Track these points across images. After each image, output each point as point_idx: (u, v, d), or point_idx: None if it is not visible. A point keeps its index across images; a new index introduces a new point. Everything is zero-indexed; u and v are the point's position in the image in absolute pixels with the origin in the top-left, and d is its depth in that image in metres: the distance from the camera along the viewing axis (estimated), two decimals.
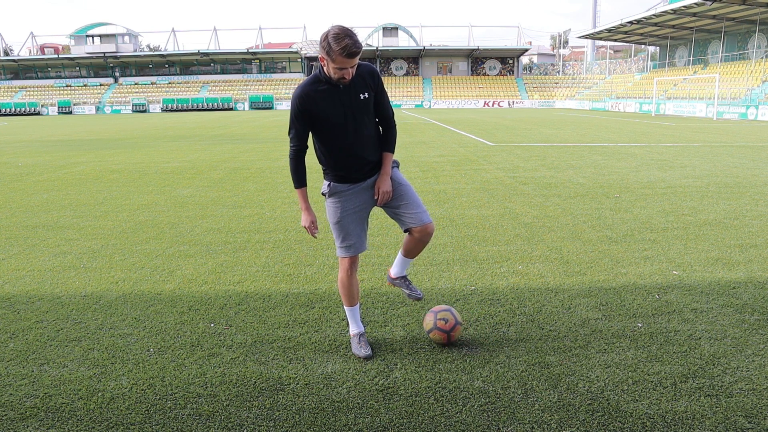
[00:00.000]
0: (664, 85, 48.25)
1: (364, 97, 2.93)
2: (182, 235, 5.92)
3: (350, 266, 3.15)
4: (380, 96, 3.04)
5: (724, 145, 15.24)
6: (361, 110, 2.95)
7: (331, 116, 2.91)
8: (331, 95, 2.89)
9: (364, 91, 2.93)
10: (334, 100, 2.90)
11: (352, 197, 3.10)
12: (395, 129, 3.16)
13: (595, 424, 2.51)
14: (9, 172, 11.34)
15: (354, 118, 2.94)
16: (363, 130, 2.98)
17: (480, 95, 66.74)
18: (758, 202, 7.33)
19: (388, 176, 3.08)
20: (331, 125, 2.94)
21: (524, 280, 4.40)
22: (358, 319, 3.28)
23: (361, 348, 3.16)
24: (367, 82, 2.95)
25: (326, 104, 2.90)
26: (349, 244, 3.12)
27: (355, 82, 2.90)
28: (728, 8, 38.87)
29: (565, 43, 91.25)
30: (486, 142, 16.62)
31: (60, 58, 72.64)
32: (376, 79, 3.00)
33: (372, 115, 3.03)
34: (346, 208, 3.10)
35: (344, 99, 2.90)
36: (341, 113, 2.92)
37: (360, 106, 2.93)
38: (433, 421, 2.55)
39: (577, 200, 7.55)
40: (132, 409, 2.65)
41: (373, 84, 2.97)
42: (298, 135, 2.99)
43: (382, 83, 3.05)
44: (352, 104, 2.91)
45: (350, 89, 2.90)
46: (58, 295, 4.14)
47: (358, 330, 3.25)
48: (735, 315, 3.68)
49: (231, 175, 10.40)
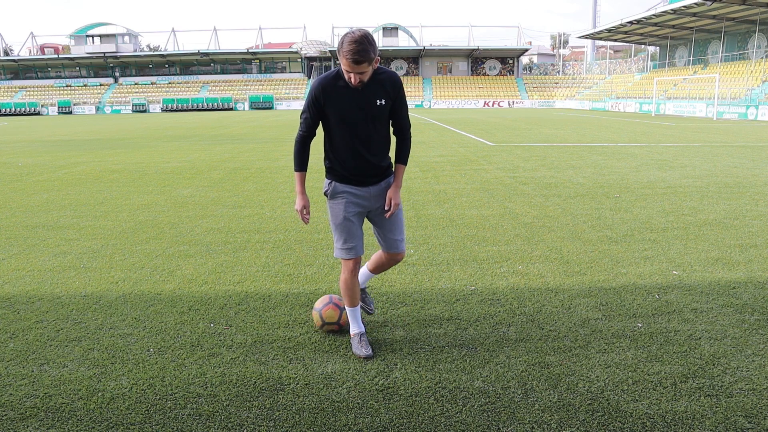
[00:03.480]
0: (664, 85, 48.25)
1: (380, 104, 2.95)
2: (182, 235, 5.92)
3: (354, 268, 3.17)
4: (398, 105, 3.04)
5: (724, 145, 15.25)
6: (375, 115, 2.96)
7: (344, 114, 2.94)
8: (348, 94, 2.92)
9: (381, 97, 2.95)
10: (349, 99, 2.92)
11: (355, 201, 3.12)
12: (410, 141, 3.16)
13: (595, 424, 2.51)
14: (9, 172, 11.34)
15: (366, 122, 2.96)
16: (373, 135, 3.00)
17: (480, 95, 66.73)
18: (758, 202, 7.33)
19: (400, 189, 3.13)
20: (343, 123, 2.96)
21: (524, 280, 4.40)
22: (359, 319, 3.29)
23: (362, 348, 3.17)
24: (386, 90, 2.96)
25: (341, 101, 2.93)
26: (351, 246, 3.12)
27: (373, 87, 2.92)
28: (728, 8, 38.87)
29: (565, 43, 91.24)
30: (486, 142, 16.62)
31: (60, 58, 72.65)
32: (397, 88, 3.01)
33: (385, 123, 3.05)
34: (350, 211, 3.11)
35: (360, 101, 2.92)
36: (354, 114, 2.93)
37: (374, 112, 2.95)
38: (433, 421, 2.55)
39: (577, 200, 7.55)
40: (132, 409, 2.65)
41: (393, 92, 2.99)
42: (308, 122, 3.05)
43: (402, 93, 3.05)
44: (366, 107, 2.93)
45: (368, 92, 2.91)
46: (58, 295, 4.14)
47: (358, 330, 3.25)
48: (735, 315, 3.68)
49: (231, 175, 10.40)
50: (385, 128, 3.06)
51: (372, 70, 2.87)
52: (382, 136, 3.06)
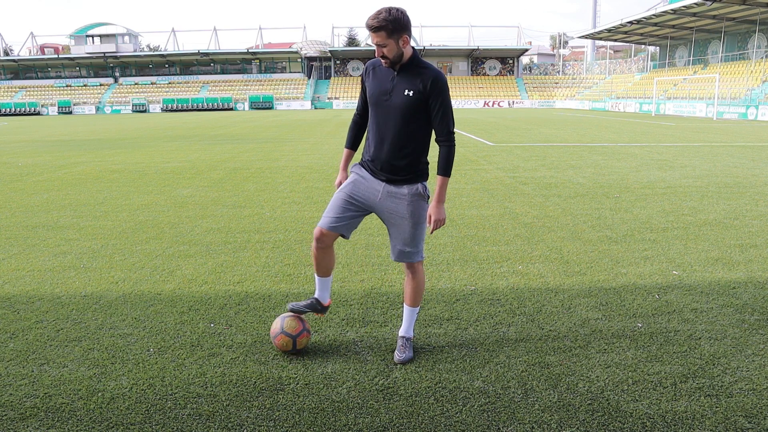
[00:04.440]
0: (664, 85, 48.25)
1: (407, 95, 2.86)
2: (182, 235, 5.92)
3: (318, 236, 3.06)
4: (434, 104, 2.87)
5: (724, 145, 15.25)
6: (401, 105, 2.88)
7: (373, 95, 2.96)
8: (386, 76, 2.93)
9: (411, 89, 2.86)
10: (383, 82, 2.93)
11: (360, 185, 3.05)
12: (450, 149, 2.93)
13: (595, 424, 2.51)
14: (9, 172, 11.34)
15: (392, 109, 2.90)
16: (400, 127, 2.90)
17: (480, 95, 66.74)
18: (758, 202, 7.33)
19: (441, 203, 2.96)
20: (373, 106, 2.98)
21: (524, 280, 4.40)
22: (322, 289, 3.27)
23: (297, 302, 3.26)
24: (422, 83, 2.84)
25: (377, 81, 2.95)
26: (324, 216, 3.07)
27: (409, 77, 2.88)
28: (728, 8, 38.87)
29: (565, 43, 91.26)
30: (486, 142, 16.62)
31: (60, 58, 72.62)
32: (435, 86, 2.85)
33: (418, 120, 2.91)
34: (348, 190, 3.06)
35: (391, 86, 2.91)
36: (382, 98, 2.92)
37: (400, 101, 2.87)
38: (433, 421, 2.55)
39: (577, 200, 7.55)
40: (132, 409, 2.65)
41: (429, 89, 2.84)
42: (359, 101, 3.16)
43: (441, 93, 2.87)
44: (394, 95, 2.89)
45: (401, 80, 2.89)
46: (58, 295, 4.14)
47: (316, 295, 3.30)
48: (735, 315, 3.68)
49: (231, 175, 10.40)
50: (416, 125, 2.91)
51: (398, 49, 2.80)
52: (411, 132, 2.91)
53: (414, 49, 2.92)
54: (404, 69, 2.89)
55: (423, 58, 2.97)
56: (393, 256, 3.16)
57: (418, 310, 3.23)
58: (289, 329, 3.13)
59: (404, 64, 2.89)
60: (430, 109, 2.90)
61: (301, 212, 6.97)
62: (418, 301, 3.21)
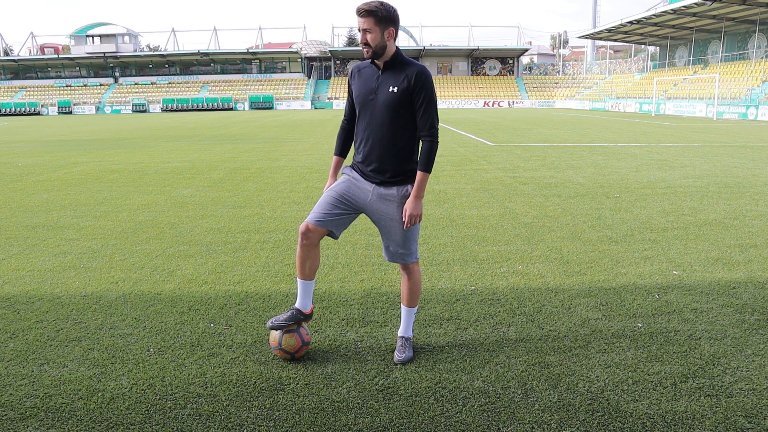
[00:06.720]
0: (664, 85, 48.25)
1: (392, 91, 2.85)
2: (182, 235, 5.92)
3: (303, 231, 2.98)
4: (418, 99, 2.85)
5: (724, 145, 15.25)
6: (387, 102, 2.86)
7: (359, 96, 2.96)
8: (370, 77, 2.94)
9: (397, 85, 2.84)
10: (370, 80, 2.93)
11: (351, 185, 3.03)
12: (432, 145, 2.90)
13: (595, 424, 2.51)
14: (9, 172, 11.34)
15: (378, 108, 2.89)
16: (385, 127, 2.89)
17: (480, 95, 66.74)
18: (758, 202, 7.33)
19: (418, 198, 2.93)
20: (359, 106, 2.98)
21: (524, 280, 4.40)
22: (303, 296, 3.11)
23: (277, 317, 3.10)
24: (407, 79, 2.83)
25: (362, 81, 2.96)
26: (312, 212, 3.03)
27: (392, 75, 2.88)
28: (728, 8, 38.88)
29: (565, 43, 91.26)
30: (486, 142, 16.62)
31: (60, 58, 72.64)
32: (419, 80, 2.82)
33: (398, 116, 2.88)
34: (339, 189, 3.03)
35: (375, 85, 2.90)
36: (367, 97, 2.92)
37: (387, 98, 2.86)
38: (433, 421, 2.55)
39: (577, 200, 7.55)
40: (132, 409, 2.65)
41: (412, 84, 2.82)
42: (346, 105, 3.16)
43: (425, 88, 2.84)
44: (379, 93, 2.88)
45: (385, 78, 2.89)
46: (58, 295, 4.14)
47: (296, 304, 3.12)
48: (735, 315, 3.68)
49: (231, 175, 10.40)
50: (403, 122, 2.89)
51: (382, 40, 2.80)
52: (399, 130, 2.89)
53: (398, 47, 2.92)
54: (388, 67, 2.90)
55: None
56: (386, 257, 3.15)
57: (416, 310, 3.23)
58: (287, 347, 3.06)
59: (388, 61, 2.89)
60: (414, 104, 2.88)
61: (301, 212, 6.97)
62: (416, 302, 3.20)
